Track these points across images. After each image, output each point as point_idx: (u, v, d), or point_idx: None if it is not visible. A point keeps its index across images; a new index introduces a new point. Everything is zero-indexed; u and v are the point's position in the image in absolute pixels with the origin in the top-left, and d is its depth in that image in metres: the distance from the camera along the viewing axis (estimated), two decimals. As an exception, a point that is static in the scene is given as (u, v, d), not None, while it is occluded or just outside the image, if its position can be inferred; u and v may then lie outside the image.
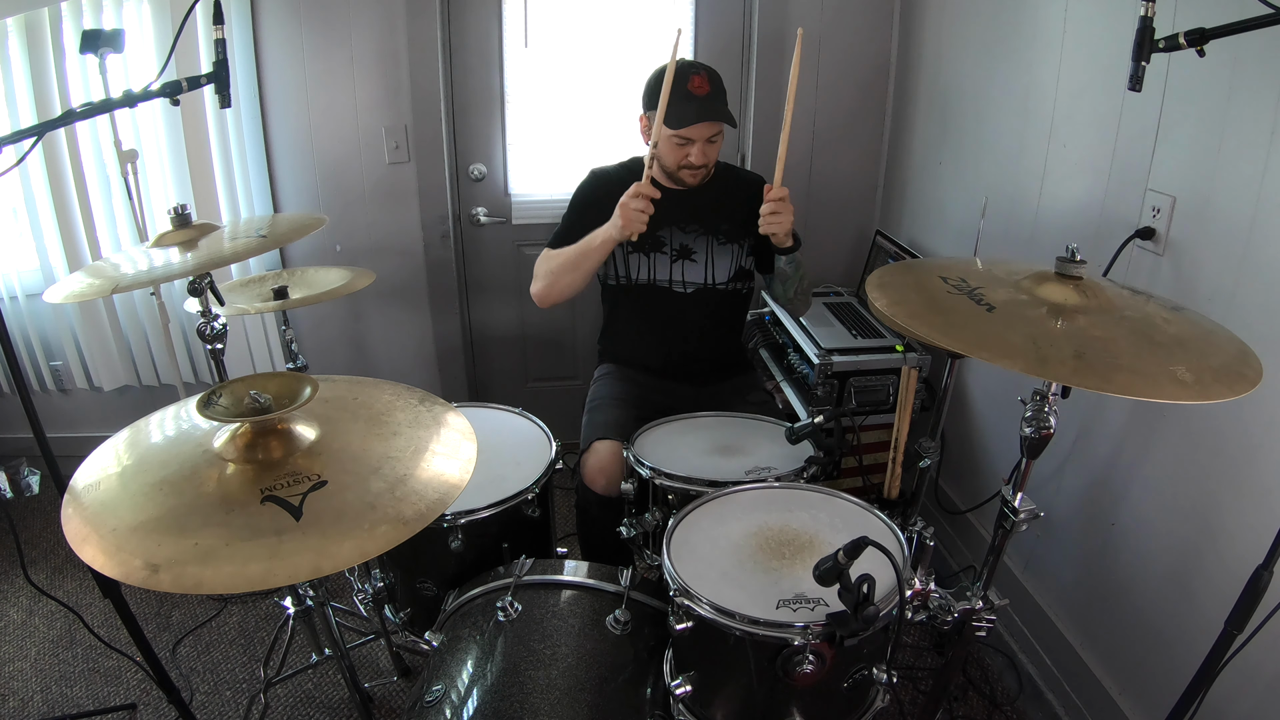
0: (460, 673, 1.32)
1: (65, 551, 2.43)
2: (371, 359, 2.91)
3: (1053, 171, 1.85)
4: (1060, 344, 1.01)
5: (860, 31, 2.61)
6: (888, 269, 1.31)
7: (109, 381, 2.80)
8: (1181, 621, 1.51)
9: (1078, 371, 0.96)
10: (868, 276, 1.28)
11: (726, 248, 1.98)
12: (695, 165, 1.85)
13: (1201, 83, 1.40)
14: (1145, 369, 0.97)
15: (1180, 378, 0.95)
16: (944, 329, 1.07)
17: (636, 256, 1.98)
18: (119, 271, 1.55)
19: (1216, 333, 1.10)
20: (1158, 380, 0.95)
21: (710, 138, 1.82)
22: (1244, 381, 0.96)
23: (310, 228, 1.70)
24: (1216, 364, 1.00)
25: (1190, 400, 0.93)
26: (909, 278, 1.28)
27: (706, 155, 1.84)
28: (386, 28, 2.48)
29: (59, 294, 1.48)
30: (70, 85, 2.44)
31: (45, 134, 1.30)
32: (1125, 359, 0.99)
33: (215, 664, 2.04)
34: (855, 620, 1.06)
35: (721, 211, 1.96)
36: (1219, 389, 0.94)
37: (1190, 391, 0.93)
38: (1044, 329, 1.05)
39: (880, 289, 1.20)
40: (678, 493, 1.56)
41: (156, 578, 0.89)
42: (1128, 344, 1.03)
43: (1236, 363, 1.01)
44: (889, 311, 1.14)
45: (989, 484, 2.18)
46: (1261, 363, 1.02)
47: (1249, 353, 1.05)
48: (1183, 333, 1.08)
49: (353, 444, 1.13)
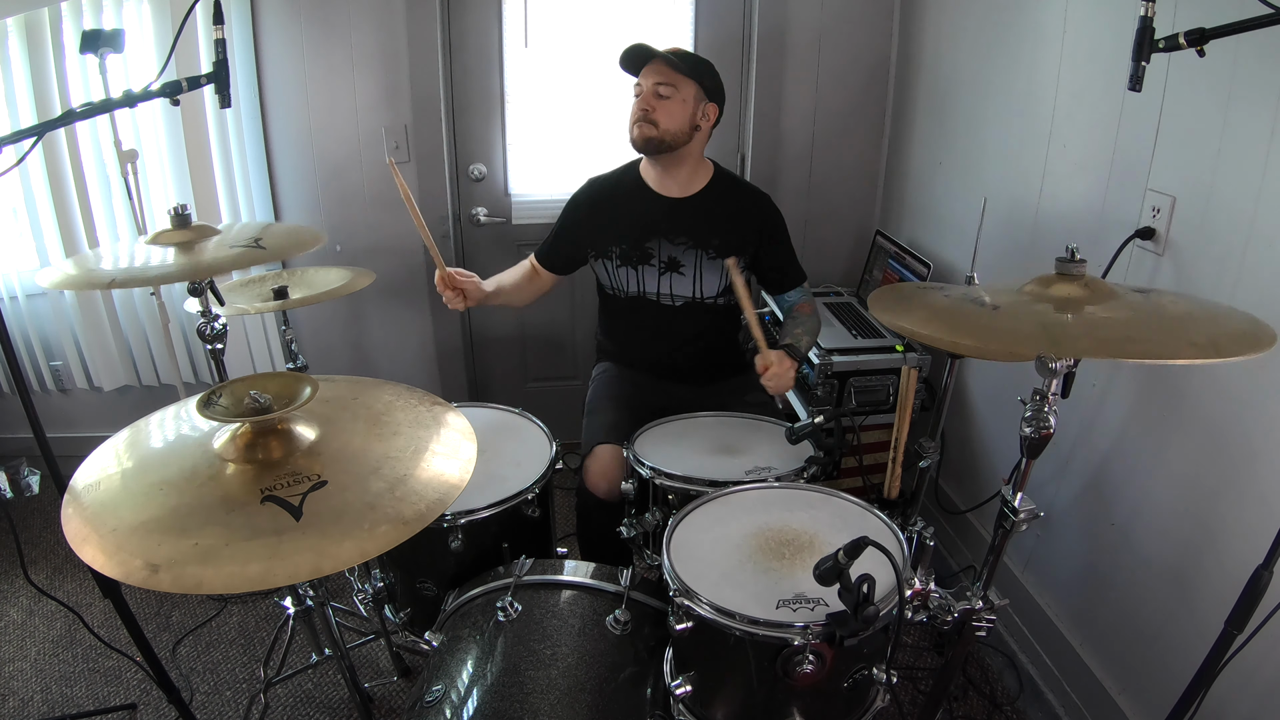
0: (460, 673, 1.32)
1: (65, 551, 2.43)
2: (371, 359, 2.91)
3: (1053, 171, 1.85)
4: (1071, 328, 1.02)
5: (860, 31, 2.61)
6: (885, 293, 1.31)
7: (109, 381, 2.81)
8: (1181, 621, 1.51)
9: (1093, 345, 0.97)
10: (868, 300, 1.28)
11: (716, 263, 1.92)
12: (637, 115, 1.82)
13: (1201, 83, 1.40)
14: (1158, 339, 0.99)
15: (1194, 340, 0.95)
16: (952, 329, 1.08)
17: (625, 269, 1.95)
18: (116, 266, 1.55)
19: (1224, 311, 1.10)
20: (1174, 345, 0.96)
21: (659, 88, 1.80)
22: (1260, 343, 0.94)
23: (308, 245, 1.69)
24: (1229, 330, 1.00)
25: (1206, 359, 0.92)
26: (910, 298, 1.28)
27: (650, 104, 1.81)
28: (386, 28, 2.48)
29: (48, 279, 1.49)
30: (70, 85, 2.44)
31: (45, 134, 1.30)
32: (1138, 334, 1.00)
33: (215, 664, 2.04)
34: (855, 620, 1.06)
35: (714, 226, 1.92)
36: (1234, 347, 0.93)
37: (1205, 351, 0.93)
38: (1054, 319, 1.05)
39: (884, 310, 1.21)
40: (678, 493, 1.56)
41: (156, 578, 0.89)
42: (1139, 323, 1.04)
43: (1250, 328, 1.01)
44: (894, 325, 1.14)
45: (989, 484, 2.18)
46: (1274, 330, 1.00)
47: (1259, 322, 1.03)
48: (1191, 310, 1.08)
49: (353, 444, 1.13)
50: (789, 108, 2.67)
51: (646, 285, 1.96)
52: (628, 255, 1.94)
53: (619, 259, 1.95)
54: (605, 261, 1.97)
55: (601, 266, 1.99)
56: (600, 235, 1.96)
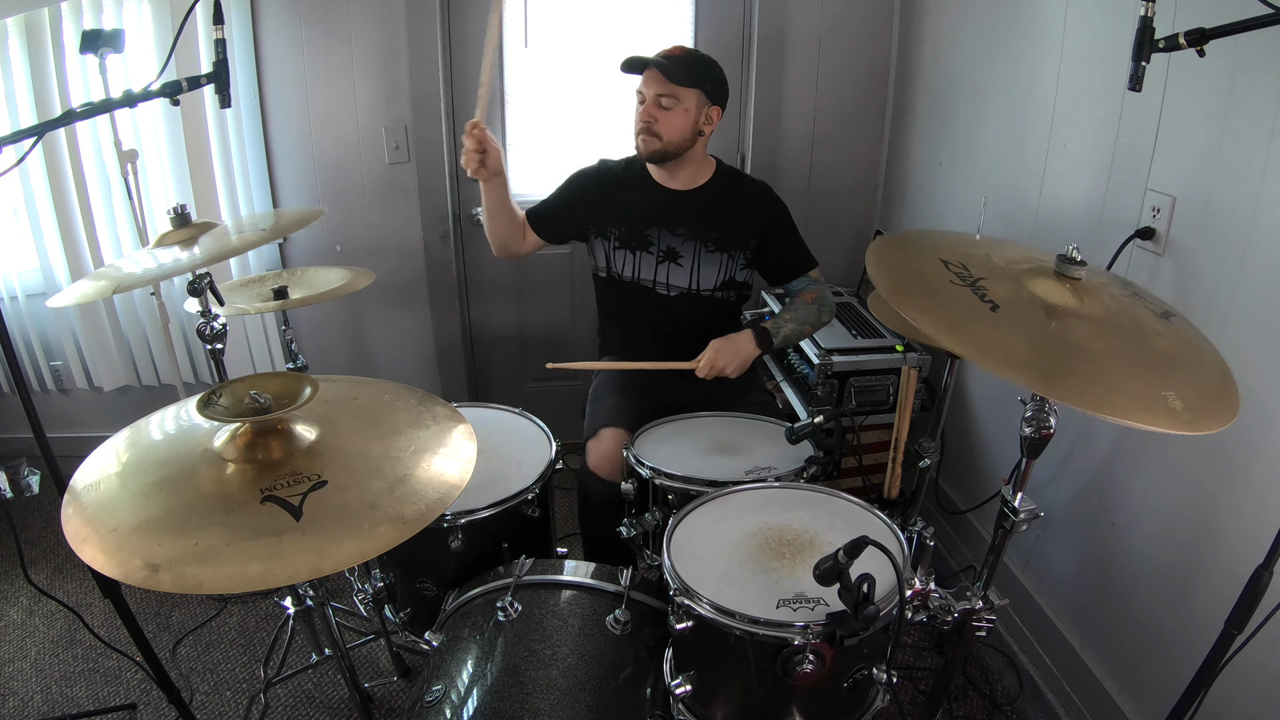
0: (460, 673, 1.32)
1: (65, 551, 2.43)
2: (371, 359, 2.91)
3: (1053, 171, 1.85)
4: (1059, 358, 1.01)
5: (860, 31, 2.61)
6: (887, 244, 1.26)
7: (109, 381, 2.80)
8: (1181, 621, 1.51)
9: (1076, 390, 0.97)
10: (870, 245, 1.25)
11: (714, 256, 1.94)
12: (641, 125, 1.84)
13: (1201, 83, 1.40)
14: (1139, 391, 0.99)
15: (1171, 405, 0.96)
16: (949, 327, 1.05)
17: (622, 252, 1.97)
18: (122, 273, 1.56)
19: (1202, 348, 1.13)
20: (1151, 407, 0.96)
21: (660, 100, 1.81)
22: (1217, 418, 0.98)
23: (309, 219, 1.70)
24: (1204, 388, 1.02)
25: (1181, 431, 0.94)
26: (909, 257, 1.24)
27: (653, 115, 1.82)
28: (386, 28, 2.48)
29: (66, 299, 1.49)
30: (70, 85, 2.44)
31: (45, 134, 1.30)
32: (1121, 379, 1.00)
33: (215, 664, 2.04)
34: (855, 620, 1.06)
35: (714, 218, 1.94)
36: (1206, 421, 0.96)
37: (1180, 422, 0.94)
38: (1043, 333, 1.05)
39: (884, 270, 1.15)
40: (678, 493, 1.56)
41: (156, 578, 0.89)
42: (1123, 359, 1.04)
43: (1220, 387, 1.04)
44: (890, 298, 1.10)
45: (989, 484, 2.18)
46: (1238, 386, 1.05)
47: (1229, 378, 1.07)
48: (1173, 349, 1.09)
49: (353, 444, 1.13)
50: (789, 108, 2.67)
51: (643, 272, 1.97)
52: (627, 239, 1.95)
53: (618, 240, 1.96)
54: (604, 241, 1.98)
55: (600, 246, 2.00)
56: (602, 214, 1.98)
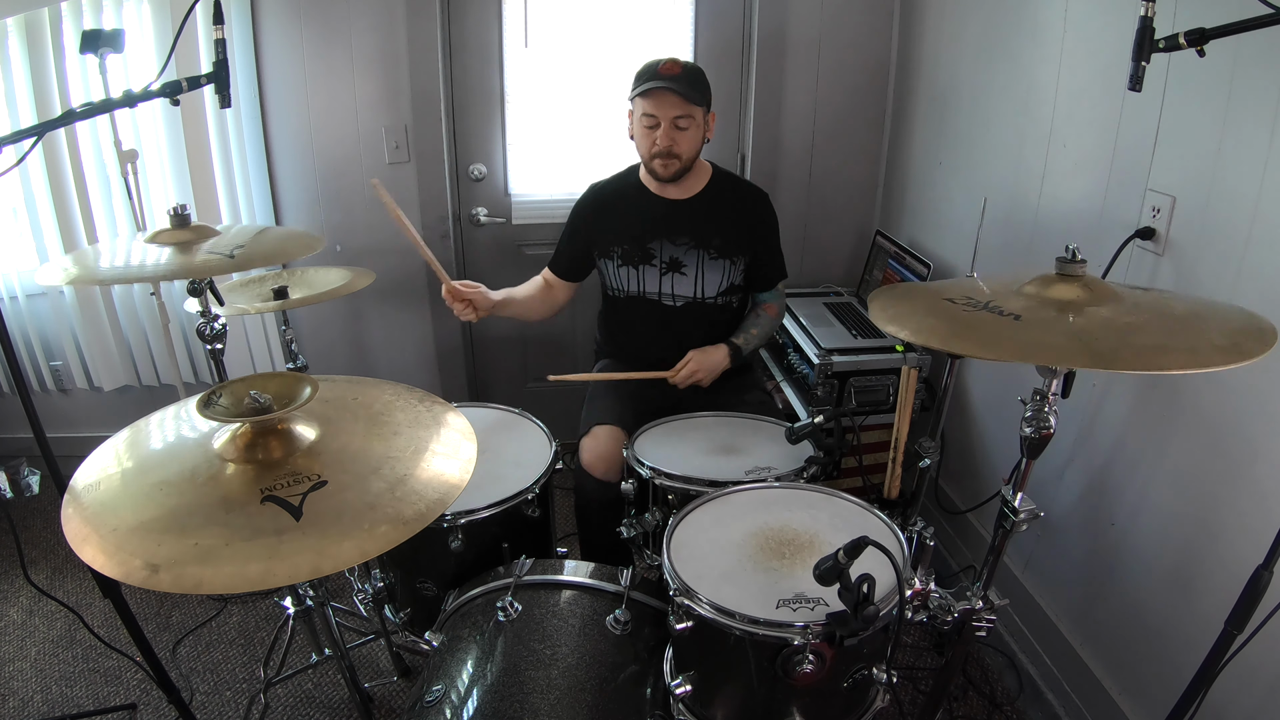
0: (460, 673, 1.32)
1: (65, 551, 2.43)
2: (371, 359, 2.91)
3: (1053, 171, 1.85)
4: (1102, 338, 1.01)
5: (860, 32, 2.61)
6: (886, 295, 1.26)
7: (109, 381, 2.80)
8: (1181, 621, 1.51)
9: (1134, 359, 0.97)
10: (870, 302, 1.25)
11: (718, 262, 1.95)
12: (662, 149, 1.83)
13: (1201, 83, 1.40)
14: (1185, 344, 0.99)
15: (1219, 344, 0.97)
16: (982, 344, 1.05)
17: (625, 269, 1.98)
18: (113, 264, 1.56)
19: (1212, 304, 1.14)
20: (1203, 350, 0.97)
21: (677, 121, 1.81)
22: (1262, 341, 0.98)
23: (308, 248, 1.70)
24: (1236, 327, 1.02)
25: (1239, 363, 0.94)
26: (915, 304, 1.22)
27: (672, 139, 1.82)
28: (386, 28, 2.48)
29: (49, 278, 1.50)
30: (70, 85, 2.44)
31: (45, 134, 1.30)
32: (1164, 339, 1.01)
33: (215, 664, 2.04)
34: (855, 620, 1.06)
35: (714, 224, 1.94)
36: (1253, 345, 0.96)
37: (1233, 354, 0.95)
38: (1073, 325, 1.05)
39: (894, 322, 1.16)
40: (678, 493, 1.56)
41: (156, 578, 0.89)
42: (1154, 327, 1.04)
43: (1248, 321, 1.04)
44: (919, 340, 1.11)
45: (989, 484, 2.18)
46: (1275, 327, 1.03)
47: (1249, 313, 1.07)
48: (1188, 309, 1.09)
49: (353, 444, 1.13)
50: (789, 108, 2.67)
51: (647, 285, 1.98)
52: (629, 255, 1.96)
53: (620, 259, 1.97)
54: (607, 261, 2.00)
55: (606, 266, 2.01)
56: (604, 236, 1.99)
